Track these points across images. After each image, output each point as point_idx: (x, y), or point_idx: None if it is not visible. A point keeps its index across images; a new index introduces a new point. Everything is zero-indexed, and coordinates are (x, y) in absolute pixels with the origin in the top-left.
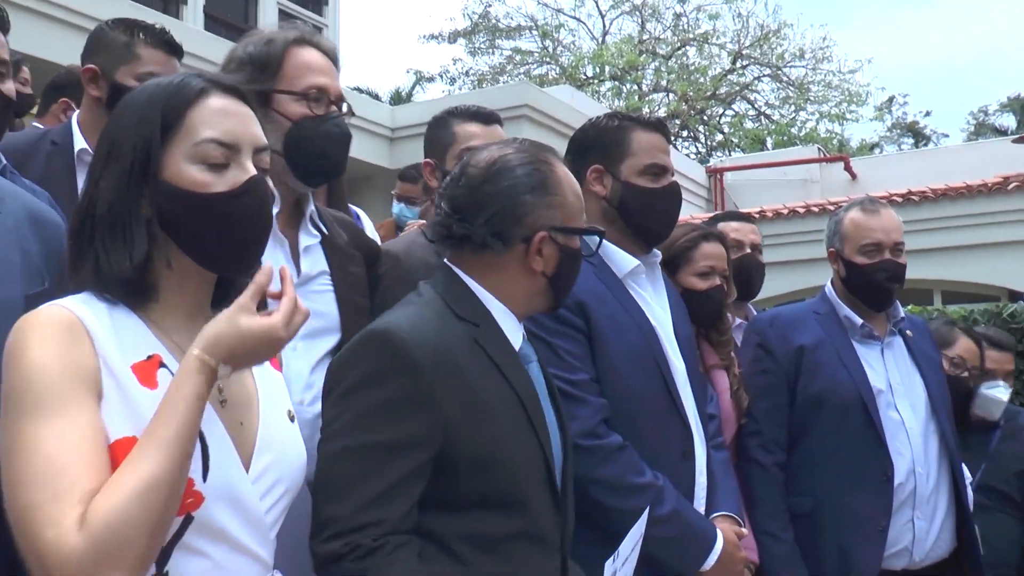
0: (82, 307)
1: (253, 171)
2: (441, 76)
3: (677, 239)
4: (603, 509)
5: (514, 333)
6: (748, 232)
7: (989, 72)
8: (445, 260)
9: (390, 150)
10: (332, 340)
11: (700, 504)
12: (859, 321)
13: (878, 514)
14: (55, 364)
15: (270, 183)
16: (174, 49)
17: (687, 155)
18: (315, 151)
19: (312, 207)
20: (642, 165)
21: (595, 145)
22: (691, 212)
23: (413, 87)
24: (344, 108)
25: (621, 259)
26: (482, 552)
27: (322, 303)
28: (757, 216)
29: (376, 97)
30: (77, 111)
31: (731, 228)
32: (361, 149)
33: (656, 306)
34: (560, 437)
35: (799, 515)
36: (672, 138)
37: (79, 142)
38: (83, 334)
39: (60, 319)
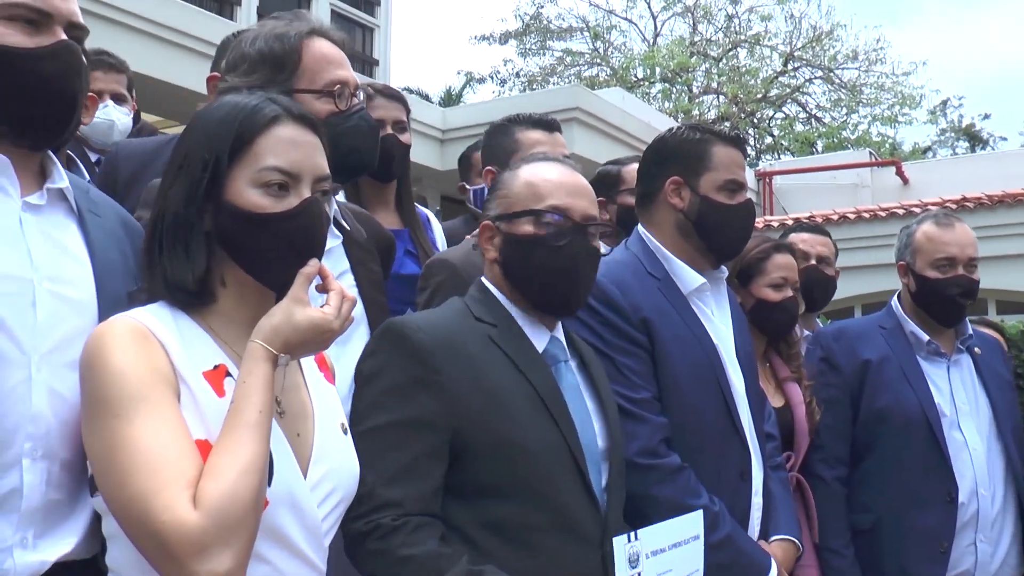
0: (151, 318)
1: (309, 194)
2: (492, 77)
3: (750, 250)
4: None
5: (538, 336)
6: (816, 244)
7: None
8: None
9: (441, 151)
10: (362, 342)
11: (755, 524)
12: (925, 338)
13: (940, 535)
14: (138, 367)
15: (328, 207)
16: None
17: None
18: (346, 148)
19: (335, 207)
20: (721, 180)
21: (675, 156)
22: None
23: (463, 88)
24: (361, 97)
25: (687, 276)
26: (503, 541)
27: None
28: (807, 222)
29: (427, 98)
30: None
31: (799, 239)
32: (414, 150)
33: (719, 324)
34: (607, 437)
35: (860, 531)
36: None
37: None
38: (155, 342)
39: (134, 327)
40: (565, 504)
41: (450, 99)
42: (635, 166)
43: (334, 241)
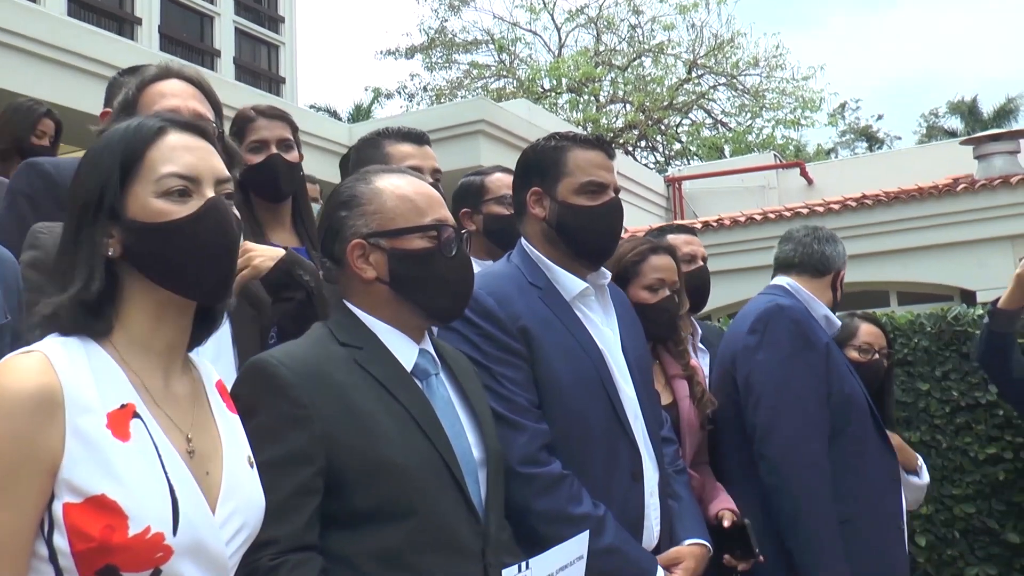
0: (60, 356)
1: (212, 194)
2: (399, 92)
3: (625, 254)
4: (540, 539)
5: (406, 352)
6: (698, 244)
7: (938, 77)
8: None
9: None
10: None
11: (653, 526)
12: (837, 322)
13: (897, 515)
14: (7, 446)
15: (235, 209)
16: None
17: (646, 165)
18: None
19: None
20: (578, 184)
21: (534, 167)
22: (650, 222)
23: (372, 103)
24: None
25: (568, 282)
26: (389, 568)
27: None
28: (715, 224)
29: (335, 115)
30: None
31: (683, 241)
32: (319, 168)
33: (605, 328)
34: (483, 447)
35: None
36: (631, 149)
37: None
38: (53, 405)
39: (31, 393)
40: (445, 520)
41: (359, 115)
42: (498, 175)
43: None
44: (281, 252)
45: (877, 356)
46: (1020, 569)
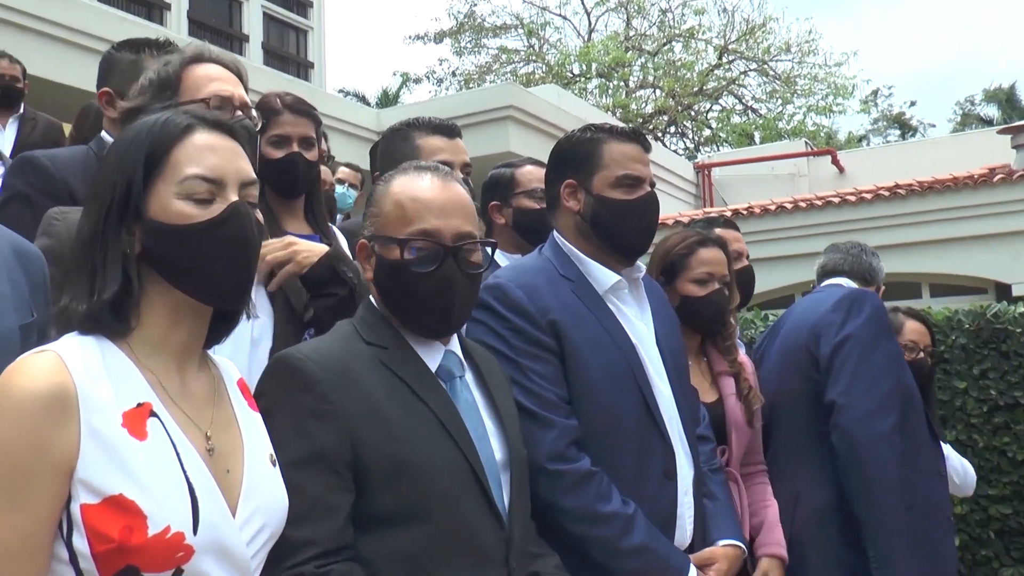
0: (75, 355)
1: (235, 199)
2: (428, 77)
3: (674, 246)
4: (569, 536)
5: (431, 353)
6: (743, 242)
7: (974, 64)
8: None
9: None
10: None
11: (686, 525)
12: None
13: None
14: (19, 447)
15: (259, 214)
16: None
17: (675, 151)
18: None
19: None
20: (614, 177)
21: (568, 159)
22: (679, 209)
23: (400, 88)
24: (253, 115)
25: (602, 275)
26: (410, 572)
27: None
28: (745, 213)
29: (364, 99)
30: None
31: (731, 237)
32: (348, 154)
33: (639, 322)
34: (506, 449)
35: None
36: (660, 135)
37: None
38: (68, 405)
39: (43, 393)
40: (468, 524)
41: (387, 100)
42: (529, 168)
43: None
44: (324, 249)
45: (922, 355)
46: None
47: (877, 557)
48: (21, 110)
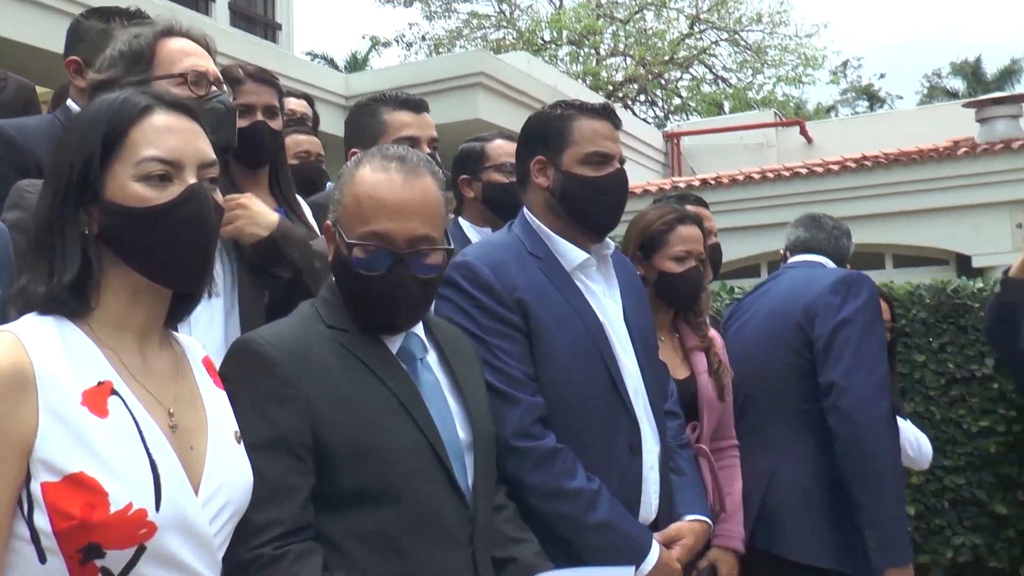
0: (33, 335)
1: (193, 181)
2: (397, 41)
3: (652, 222)
4: (535, 513)
5: (392, 335)
6: (712, 220)
7: (942, 38)
8: None
9: (344, 119)
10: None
11: (652, 499)
12: None
13: None
14: None
15: (218, 196)
16: (148, 23)
17: (645, 120)
18: (204, 130)
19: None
20: (583, 153)
21: (538, 135)
22: (648, 177)
23: (369, 52)
24: (225, 89)
25: (570, 252)
26: (373, 551)
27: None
28: (713, 182)
29: (332, 62)
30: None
31: (702, 215)
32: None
33: (606, 299)
34: (470, 431)
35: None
36: (630, 103)
37: None
38: (25, 384)
39: (0, 374)
40: (431, 505)
41: (355, 63)
42: (499, 142)
43: None
44: (274, 221)
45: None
46: (1005, 540)
47: (876, 538)
48: None
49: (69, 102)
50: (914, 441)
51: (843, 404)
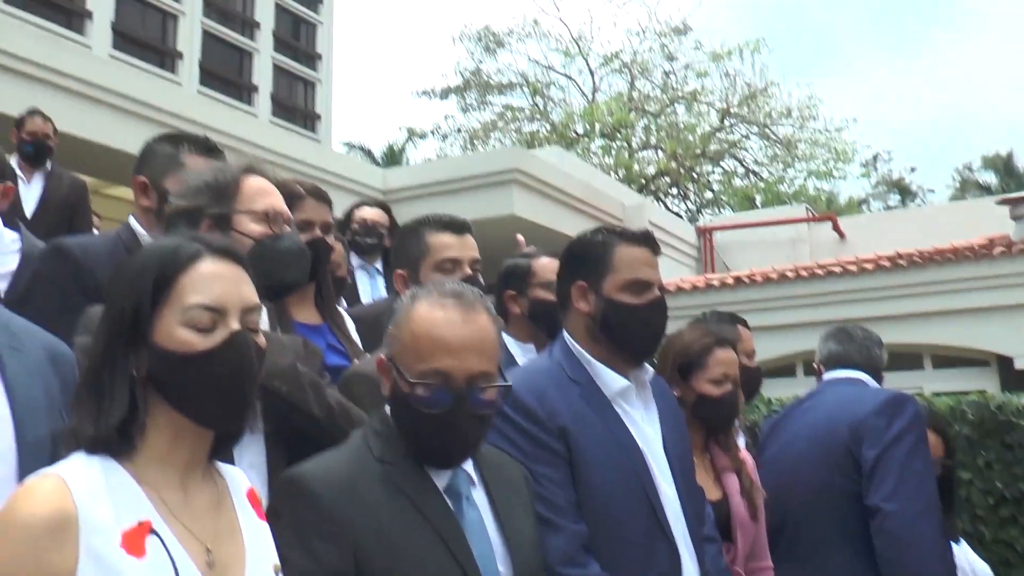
0: (78, 478)
1: (236, 327)
2: (433, 133)
3: (690, 344)
4: None
5: (440, 471)
6: (752, 341)
7: (972, 124)
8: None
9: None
10: None
11: None
12: None
13: None
14: (20, 572)
15: (260, 339)
16: (215, 154)
17: (677, 213)
18: (277, 267)
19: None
20: (623, 281)
21: (579, 261)
22: (681, 273)
23: (405, 143)
24: (294, 227)
25: (609, 378)
26: None
27: None
28: (747, 280)
29: (369, 153)
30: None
31: (744, 336)
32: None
33: (645, 425)
34: (510, 565)
35: None
36: (662, 196)
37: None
38: (67, 528)
39: (45, 518)
40: None
41: (392, 154)
42: (545, 260)
43: None
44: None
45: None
46: None
47: None
48: (48, 166)
49: (131, 220)
50: (968, 569)
51: (888, 526)
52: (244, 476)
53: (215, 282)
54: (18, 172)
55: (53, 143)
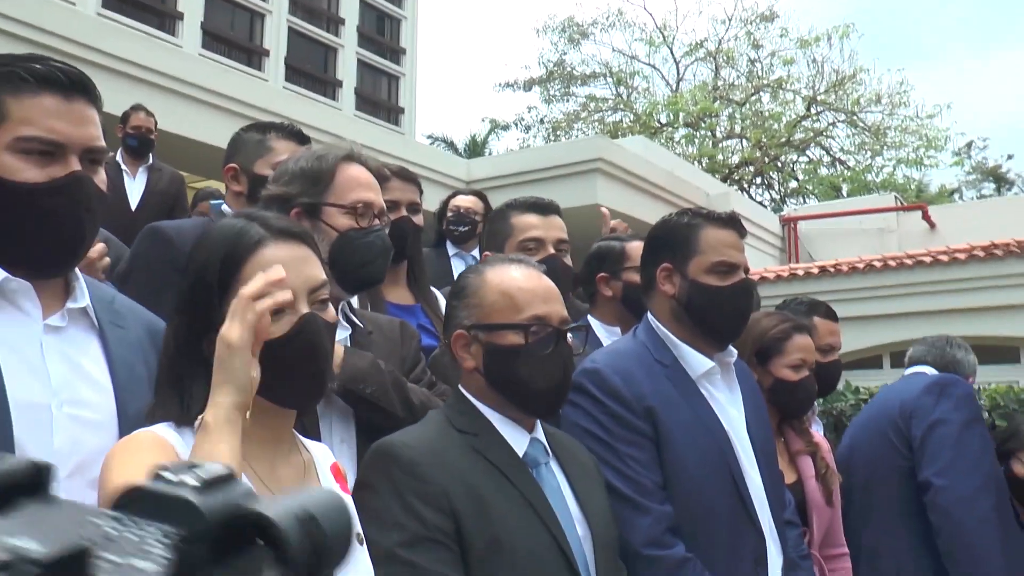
0: (171, 434)
1: (306, 310)
2: (516, 124)
3: (768, 329)
4: None
5: (518, 440)
6: (839, 335)
7: None
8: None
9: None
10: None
11: None
12: None
13: None
14: (137, 463)
15: (328, 313)
16: (302, 139)
17: (760, 202)
18: (358, 261)
19: (346, 305)
20: (710, 263)
21: (665, 243)
22: (765, 263)
23: (488, 135)
24: (385, 222)
25: (695, 360)
26: None
27: None
28: (833, 270)
29: (452, 145)
30: (220, 201)
31: (827, 330)
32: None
33: (730, 408)
34: (590, 536)
35: None
36: (746, 186)
37: None
38: (170, 448)
39: (151, 439)
40: None
41: (475, 146)
42: (638, 243)
43: (342, 333)
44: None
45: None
46: None
47: None
48: (150, 160)
49: (224, 207)
50: None
51: (942, 501)
52: (328, 451)
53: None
54: (123, 166)
55: (154, 137)
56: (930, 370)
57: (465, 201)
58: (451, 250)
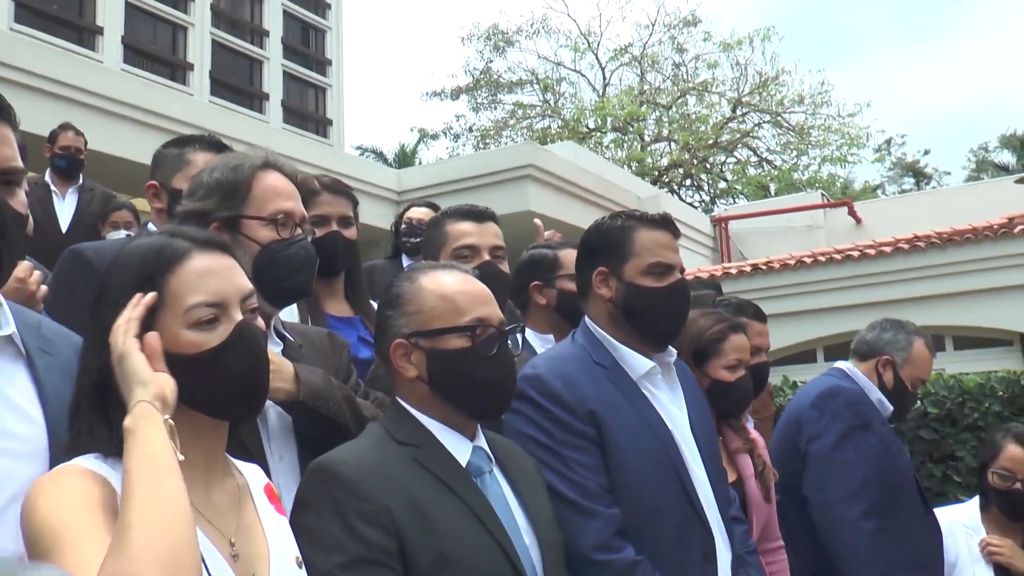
0: (100, 465)
1: (239, 318)
2: (445, 133)
3: (705, 330)
4: None
5: (460, 449)
6: (767, 336)
7: (987, 110)
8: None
9: (396, 213)
10: None
11: None
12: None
13: None
14: (66, 502)
15: (260, 321)
16: (221, 149)
17: (691, 204)
18: (282, 274)
19: (276, 320)
20: (645, 265)
21: (599, 247)
22: (698, 264)
23: (417, 144)
24: (307, 229)
25: (635, 361)
26: None
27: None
28: (764, 268)
29: (381, 155)
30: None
31: (755, 332)
32: (368, 214)
33: (672, 407)
34: (537, 543)
35: None
36: (676, 188)
37: None
38: (98, 477)
39: (79, 472)
40: None
41: (405, 156)
42: (570, 251)
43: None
44: (291, 377)
45: (1019, 485)
46: None
47: None
48: (80, 181)
49: (149, 225)
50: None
51: (815, 515)
52: (260, 472)
53: (210, 277)
54: (52, 187)
55: (84, 157)
56: (848, 364)
57: (418, 213)
58: (406, 262)
